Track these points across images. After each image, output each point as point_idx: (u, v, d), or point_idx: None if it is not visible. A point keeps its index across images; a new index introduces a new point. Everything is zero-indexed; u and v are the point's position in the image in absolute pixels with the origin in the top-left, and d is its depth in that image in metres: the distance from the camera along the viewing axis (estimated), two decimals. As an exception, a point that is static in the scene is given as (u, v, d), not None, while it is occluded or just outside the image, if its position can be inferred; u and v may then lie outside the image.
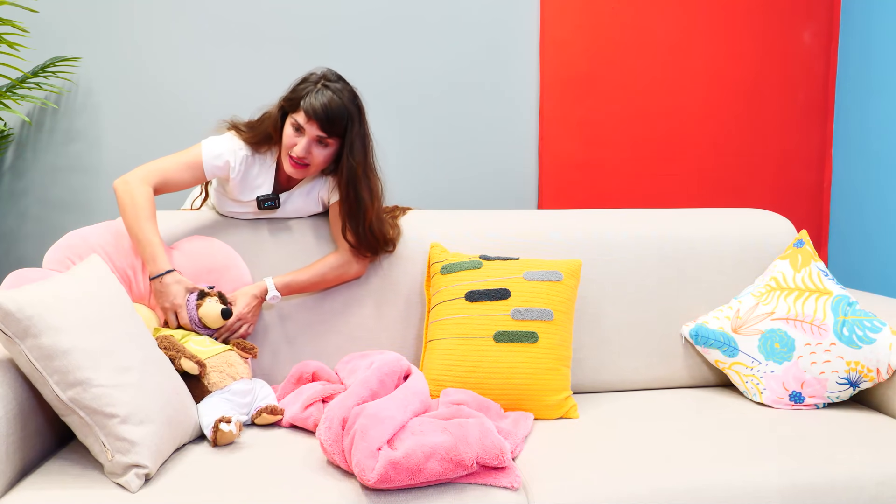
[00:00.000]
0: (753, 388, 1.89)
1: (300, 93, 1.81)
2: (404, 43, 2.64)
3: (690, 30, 2.76)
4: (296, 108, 1.80)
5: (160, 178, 1.85)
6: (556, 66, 2.70)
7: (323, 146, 1.84)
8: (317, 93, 1.79)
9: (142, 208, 1.78)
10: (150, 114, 2.55)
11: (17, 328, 1.36)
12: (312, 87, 1.80)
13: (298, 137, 1.82)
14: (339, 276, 1.94)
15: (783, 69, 2.82)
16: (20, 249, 2.55)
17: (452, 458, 1.42)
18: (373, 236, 1.90)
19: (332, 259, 1.93)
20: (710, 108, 2.81)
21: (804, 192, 2.89)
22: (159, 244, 1.77)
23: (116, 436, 1.39)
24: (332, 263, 1.92)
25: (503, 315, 1.81)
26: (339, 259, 1.92)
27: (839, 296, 1.89)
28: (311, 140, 1.81)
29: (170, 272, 1.75)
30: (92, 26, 2.50)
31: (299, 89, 1.82)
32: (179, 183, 1.88)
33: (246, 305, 1.83)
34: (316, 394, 1.73)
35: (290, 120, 1.82)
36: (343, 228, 1.90)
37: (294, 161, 1.84)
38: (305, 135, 1.81)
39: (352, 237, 1.89)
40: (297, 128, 1.81)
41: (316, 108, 1.78)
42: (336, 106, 1.79)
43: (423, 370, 1.85)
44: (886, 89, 2.61)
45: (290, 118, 1.82)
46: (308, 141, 1.81)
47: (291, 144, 1.83)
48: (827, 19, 2.83)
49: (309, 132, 1.81)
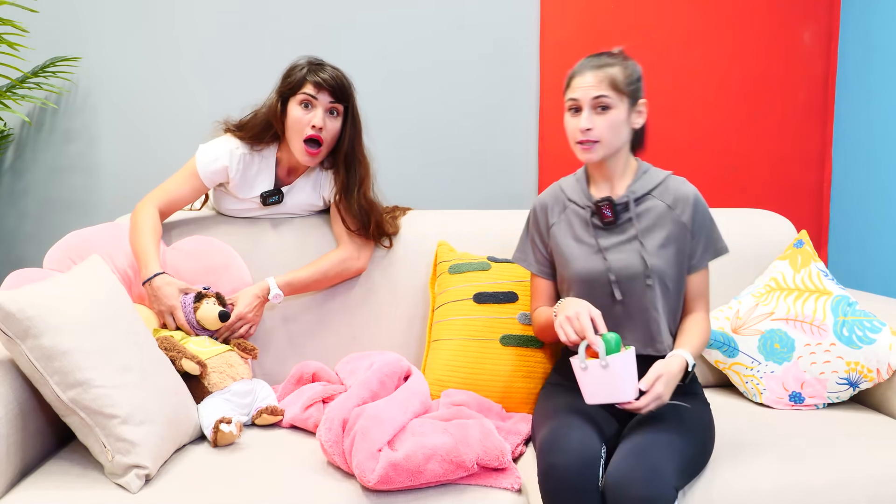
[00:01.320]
0: (753, 388, 1.89)
1: (297, 75, 1.84)
2: (404, 43, 2.64)
3: (690, 30, 2.76)
4: (300, 87, 1.83)
5: (164, 197, 1.89)
6: (556, 66, 2.70)
7: (334, 117, 1.86)
8: (316, 69, 1.84)
9: (141, 224, 1.82)
10: (150, 114, 2.55)
11: (18, 328, 1.36)
12: (308, 66, 1.85)
13: (310, 112, 1.84)
14: (341, 273, 1.94)
15: (783, 69, 2.82)
16: (20, 249, 2.55)
17: (453, 459, 1.42)
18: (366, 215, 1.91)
19: (334, 255, 1.93)
20: (710, 108, 2.81)
21: (804, 192, 2.89)
22: (151, 251, 1.78)
23: (117, 436, 1.39)
24: (334, 260, 1.92)
25: (510, 319, 1.81)
26: (340, 255, 1.93)
27: (839, 296, 1.89)
28: (324, 111, 1.84)
29: (158, 275, 1.75)
30: (92, 26, 2.50)
31: (295, 73, 1.85)
32: (183, 197, 1.92)
33: (247, 305, 1.83)
34: (316, 394, 1.73)
35: (297, 99, 1.83)
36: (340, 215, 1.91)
37: (308, 140, 1.84)
38: (318, 106, 1.83)
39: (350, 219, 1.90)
40: (307, 103, 1.83)
41: (325, 77, 1.83)
42: (340, 75, 1.86)
43: (426, 370, 1.85)
44: (886, 89, 2.61)
45: (294, 100, 1.84)
46: (322, 111, 1.84)
47: (304, 122, 1.83)
48: (827, 19, 2.83)
49: (321, 102, 1.83)
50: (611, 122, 1.55)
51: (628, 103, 1.56)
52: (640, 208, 1.59)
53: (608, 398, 1.39)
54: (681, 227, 1.58)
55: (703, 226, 1.60)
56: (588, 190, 1.65)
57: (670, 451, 1.35)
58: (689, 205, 1.58)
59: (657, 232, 1.57)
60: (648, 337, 1.57)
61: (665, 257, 1.57)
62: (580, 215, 1.63)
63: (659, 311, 1.56)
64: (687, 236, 1.59)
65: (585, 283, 1.59)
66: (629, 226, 1.59)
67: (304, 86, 1.83)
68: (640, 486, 1.27)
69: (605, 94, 1.54)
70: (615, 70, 1.55)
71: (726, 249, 1.63)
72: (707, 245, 1.61)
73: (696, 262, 1.61)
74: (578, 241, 1.62)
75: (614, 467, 1.32)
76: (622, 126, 1.57)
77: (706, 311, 1.63)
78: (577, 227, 1.63)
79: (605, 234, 1.60)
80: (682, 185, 1.61)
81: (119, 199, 2.54)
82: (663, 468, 1.31)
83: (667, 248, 1.57)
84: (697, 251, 1.60)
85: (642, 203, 1.60)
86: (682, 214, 1.58)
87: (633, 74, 1.57)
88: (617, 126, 1.56)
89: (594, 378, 1.40)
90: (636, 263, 1.56)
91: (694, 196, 1.59)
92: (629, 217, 1.59)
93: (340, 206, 1.92)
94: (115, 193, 2.55)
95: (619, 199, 1.60)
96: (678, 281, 1.59)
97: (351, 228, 1.92)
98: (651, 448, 1.35)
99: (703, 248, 1.60)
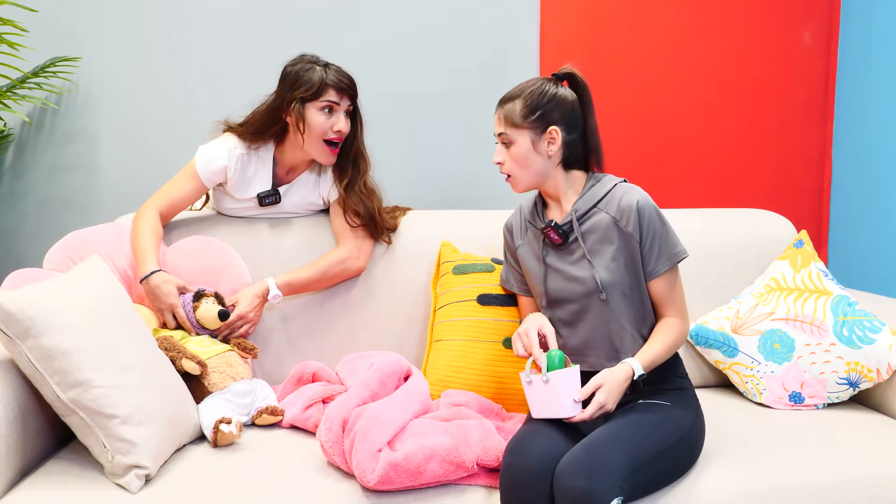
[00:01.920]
0: (753, 388, 1.89)
1: (312, 78, 1.83)
2: (404, 43, 2.64)
3: (690, 30, 2.76)
4: (321, 92, 1.83)
5: (164, 200, 1.90)
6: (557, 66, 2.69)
7: (348, 117, 1.90)
8: (328, 69, 1.85)
9: (140, 226, 1.82)
10: (150, 114, 2.55)
11: (18, 329, 1.36)
12: (317, 68, 1.85)
13: (333, 116, 1.85)
14: (341, 273, 1.94)
15: (783, 69, 2.82)
16: (20, 249, 2.55)
17: (453, 459, 1.42)
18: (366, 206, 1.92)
19: (333, 255, 1.93)
20: (710, 108, 2.81)
21: (804, 192, 2.89)
22: (149, 250, 1.78)
23: (117, 436, 1.39)
24: (333, 260, 1.92)
25: (513, 321, 1.81)
26: (339, 255, 1.92)
27: (839, 296, 1.89)
28: (346, 113, 1.88)
29: (155, 272, 1.75)
30: (92, 26, 2.50)
31: (307, 77, 1.84)
32: (183, 198, 1.92)
33: (248, 305, 1.83)
34: (316, 394, 1.73)
35: (318, 104, 1.84)
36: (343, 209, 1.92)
37: (331, 144, 1.88)
38: (339, 110, 1.86)
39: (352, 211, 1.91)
40: (329, 108, 1.85)
41: (343, 80, 1.86)
42: (348, 74, 1.88)
43: (427, 370, 1.85)
44: (886, 89, 2.61)
45: (314, 104, 1.84)
46: (343, 115, 1.87)
47: (327, 128, 1.86)
48: (827, 19, 2.82)
49: (343, 105, 1.86)
50: (514, 157, 1.58)
51: (530, 135, 1.56)
52: (586, 225, 1.58)
53: (551, 413, 1.44)
54: (627, 238, 1.54)
55: (652, 233, 1.54)
56: (542, 210, 1.66)
57: (620, 449, 1.35)
58: (633, 214, 1.53)
59: (606, 245, 1.56)
60: (613, 350, 1.56)
61: (617, 270, 1.55)
62: (538, 236, 1.65)
63: (622, 324, 1.55)
64: (635, 245, 1.55)
65: (548, 302, 1.63)
66: (577, 245, 1.58)
67: (325, 91, 1.83)
68: (581, 478, 1.28)
69: (503, 132, 1.59)
70: (511, 106, 1.57)
71: (684, 254, 1.56)
72: (661, 252, 1.55)
73: (651, 270, 1.55)
74: (539, 261, 1.64)
75: (563, 461, 1.34)
76: (529, 156, 1.57)
77: (678, 314, 1.58)
78: (536, 248, 1.66)
79: (557, 253, 1.61)
80: (627, 194, 1.55)
81: (119, 199, 2.54)
82: (609, 464, 1.31)
83: (618, 261, 1.55)
84: (651, 259, 1.55)
85: (588, 219, 1.58)
86: (626, 225, 1.54)
87: (534, 105, 1.56)
88: (522, 158, 1.57)
89: (537, 392, 1.44)
90: (588, 280, 1.55)
91: (638, 204, 1.53)
92: (576, 237, 1.58)
93: (344, 201, 1.93)
94: (115, 193, 2.55)
95: (563, 221, 1.59)
96: (639, 288, 1.57)
97: (353, 224, 1.92)
98: (601, 444, 1.36)
99: (656, 255, 1.54)
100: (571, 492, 1.27)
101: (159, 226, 1.86)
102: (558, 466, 1.34)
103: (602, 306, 1.56)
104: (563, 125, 1.57)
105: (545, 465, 1.35)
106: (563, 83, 1.62)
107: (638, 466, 1.35)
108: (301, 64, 1.86)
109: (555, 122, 1.57)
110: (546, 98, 1.56)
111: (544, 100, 1.56)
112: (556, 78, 1.61)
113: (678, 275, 1.59)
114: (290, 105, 1.84)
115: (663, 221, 1.56)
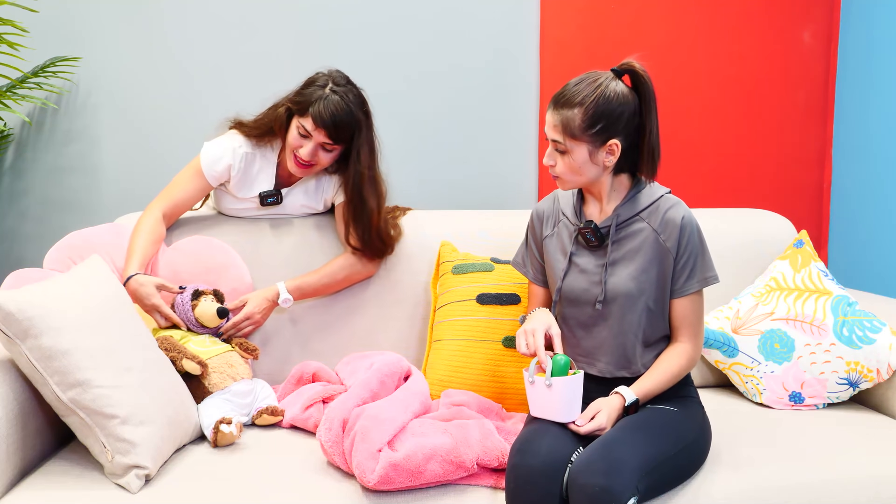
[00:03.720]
0: (753, 388, 1.89)
1: (308, 97, 1.78)
2: (404, 43, 2.64)
3: (690, 30, 2.76)
4: (304, 113, 1.78)
5: (167, 201, 1.88)
6: (556, 66, 2.69)
7: (328, 151, 1.83)
8: (325, 99, 1.76)
9: (139, 228, 1.82)
10: (151, 114, 2.55)
11: (18, 329, 1.36)
12: (321, 91, 1.77)
13: (304, 141, 1.80)
14: (350, 277, 1.94)
15: (783, 69, 2.82)
16: (20, 249, 2.55)
17: (453, 459, 1.42)
18: (379, 240, 1.90)
19: (343, 260, 1.92)
20: (710, 108, 2.81)
21: (804, 192, 2.89)
22: (136, 253, 1.78)
23: (117, 436, 1.39)
24: (343, 264, 1.92)
25: (513, 320, 1.81)
26: (349, 259, 1.92)
27: (839, 296, 1.89)
28: (317, 145, 1.81)
29: (132, 276, 1.73)
30: (92, 26, 2.50)
31: (307, 93, 1.79)
32: (188, 198, 1.90)
33: (257, 306, 1.84)
34: (316, 394, 1.73)
35: (297, 123, 1.80)
36: (346, 233, 1.90)
37: (298, 162, 1.83)
38: (312, 140, 1.80)
39: (356, 241, 1.89)
40: (304, 133, 1.79)
41: (324, 116, 1.75)
42: (344, 114, 1.77)
43: (427, 370, 1.85)
44: (886, 89, 2.60)
45: (296, 121, 1.81)
46: (314, 146, 1.80)
47: (297, 146, 1.82)
48: (827, 19, 2.82)
49: (315, 138, 1.79)
50: (569, 165, 1.50)
51: (588, 147, 1.47)
52: (625, 232, 1.54)
53: (549, 415, 1.44)
54: (664, 253, 1.51)
55: (689, 251, 1.51)
56: (581, 207, 1.60)
57: (636, 450, 1.35)
58: (676, 229, 1.50)
59: (641, 256, 1.52)
60: (624, 359, 1.54)
61: (646, 282, 1.51)
62: (571, 231, 1.60)
63: (637, 336, 1.53)
64: (670, 261, 1.51)
65: (568, 300, 1.58)
66: (613, 248, 1.54)
67: (306, 116, 1.77)
68: (599, 476, 1.28)
69: (557, 140, 1.48)
70: (570, 114, 1.45)
71: (716, 279, 1.52)
72: (693, 272, 1.51)
73: (679, 287, 1.52)
74: (566, 256, 1.59)
75: (579, 459, 1.34)
76: (584, 166, 1.49)
77: (691, 342, 1.54)
78: (566, 243, 1.60)
79: (589, 254, 1.56)
80: (673, 209, 1.52)
81: (119, 199, 2.54)
82: (626, 463, 1.31)
83: (648, 273, 1.51)
84: (682, 277, 1.51)
85: (628, 226, 1.54)
86: (667, 240, 1.50)
87: (596, 116, 1.45)
88: (577, 168, 1.49)
89: (538, 394, 1.44)
90: (618, 287, 1.52)
91: (682, 220, 1.50)
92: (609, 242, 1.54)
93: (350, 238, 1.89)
94: (116, 194, 2.55)
95: (603, 223, 1.55)
96: (663, 303, 1.54)
97: (357, 249, 1.90)
98: (617, 443, 1.36)
99: (688, 274, 1.51)
100: (589, 489, 1.27)
101: (159, 228, 1.85)
102: (574, 464, 1.33)
103: (623, 315, 1.52)
104: (623, 135, 1.48)
105: (552, 464, 1.34)
106: (624, 78, 1.52)
107: (653, 468, 1.36)
108: (320, 77, 1.82)
109: (616, 134, 1.47)
110: (609, 107, 1.45)
111: (607, 109, 1.45)
112: (615, 74, 1.51)
113: (702, 300, 1.56)
114: (282, 106, 1.84)
115: (702, 242, 1.53)
